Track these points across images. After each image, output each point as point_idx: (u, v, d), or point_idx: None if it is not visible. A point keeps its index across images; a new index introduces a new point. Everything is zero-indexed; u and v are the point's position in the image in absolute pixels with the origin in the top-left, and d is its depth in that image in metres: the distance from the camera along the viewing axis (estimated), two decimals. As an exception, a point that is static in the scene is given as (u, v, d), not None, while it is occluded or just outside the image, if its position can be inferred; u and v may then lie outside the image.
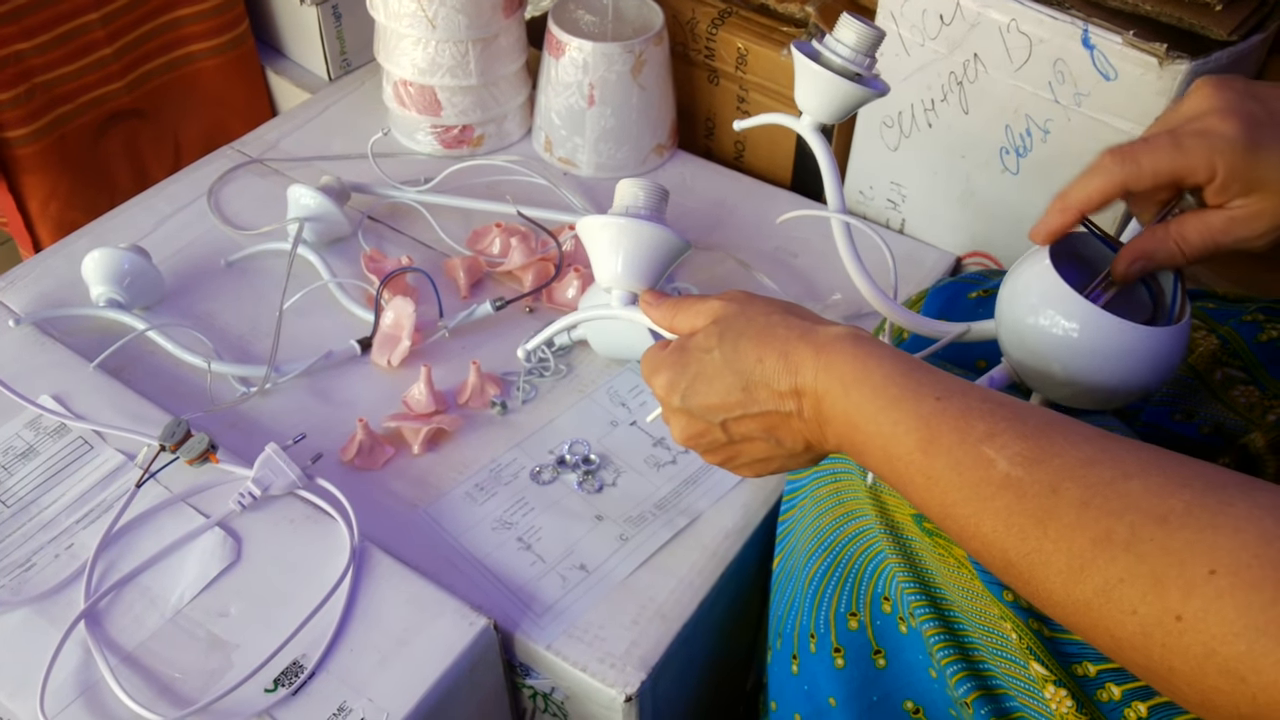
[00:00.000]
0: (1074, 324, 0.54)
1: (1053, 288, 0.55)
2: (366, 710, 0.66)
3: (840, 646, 0.64)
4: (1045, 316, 0.55)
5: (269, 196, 1.05)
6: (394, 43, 1.06)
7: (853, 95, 0.66)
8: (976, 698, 0.56)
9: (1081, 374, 0.55)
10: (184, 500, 0.76)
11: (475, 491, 0.81)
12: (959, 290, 0.75)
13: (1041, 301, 0.55)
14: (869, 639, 0.63)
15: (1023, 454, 0.43)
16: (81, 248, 0.95)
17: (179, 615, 0.70)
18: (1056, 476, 0.42)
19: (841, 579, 0.64)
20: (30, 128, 1.14)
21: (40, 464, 0.79)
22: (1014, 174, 0.93)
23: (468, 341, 0.92)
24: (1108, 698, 0.53)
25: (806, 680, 0.67)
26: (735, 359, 0.54)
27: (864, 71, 0.66)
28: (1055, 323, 0.55)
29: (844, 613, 0.64)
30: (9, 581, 0.72)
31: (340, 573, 0.72)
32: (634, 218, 0.63)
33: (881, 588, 0.62)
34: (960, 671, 0.57)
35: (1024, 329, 0.56)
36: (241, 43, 1.28)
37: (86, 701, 0.66)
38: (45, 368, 0.85)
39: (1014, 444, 0.44)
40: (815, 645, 0.66)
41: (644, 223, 0.63)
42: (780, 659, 0.70)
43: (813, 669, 0.66)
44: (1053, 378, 0.56)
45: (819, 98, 0.67)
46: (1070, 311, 0.54)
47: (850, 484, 0.65)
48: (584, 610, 0.74)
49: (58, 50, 1.13)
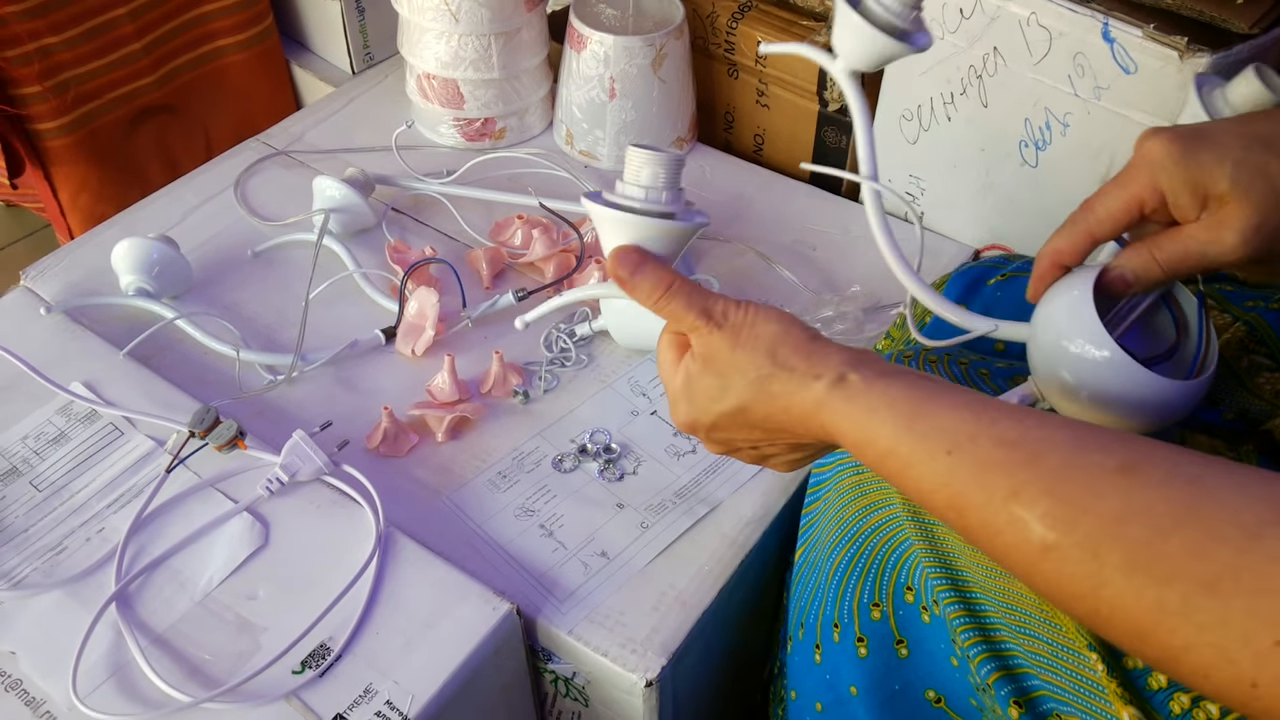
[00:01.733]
0: (1104, 364, 0.55)
1: (1088, 324, 0.55)
2: (392, 692, 0.67)
3: (864, 636, 0.65)
4: (1078, 348, 0.56)
5: (295, 188, 1.06)
6: (417, 36, 1.07)
7: (892, 50, 0.61)
8: (997, 679, 0.57)
9: (1105, 408, 0.55)
10: (213, 485, 0.78)
11: (498, 479, 0.82)
12: (980, 275, 0.76)
13: (1077, 333, 0.56)
14: (892, 629, 0.64)
15: (1053, 514, 0.42)
16: (111, 237, 0.97)
17: (208, 598, 0.72)
18: (1094, 539, 0.41)
19: (865, 569, 0.65)
20: (60, 121, 1.16)
21: (71, 449, 0.80)
22: (1033, 167, 0.94)
23: (490, 331, 0.93)
24: (1132, 664, 0.53)
25: (829, 670, 0.68)
26: (744, 416, 0.55)
27: (907, 25, 0.61)
28: (1087, 354, 0.55)
29: (867, 603, 0.65)
30: (41, 564, 0.73)
31: (366, 557, 0.73)
32: (645, 212, 0.57)
33: (905, 578, 0.63)
34: (983, 653, 0.58)
35: (1057, 354, 0.57)
36: (267, 37, 1.29)
37: (117, 682, 0.68)
38: (76, 355, 0.87)
39: (1041, 500, 0.42)
40: (839, 635, 0.67)
41: (653, 221, 0.57)
42: (802, 649, 0.71)
43: (836, 659, 0.67)
44: (1077, 406, 0.57)
45: (857, 47, 0.62)
46: (1103, 357, 0.55)
47: (874, 474, 0.66)
48: (605, 596, 0.75)
49: (87, 45, 1.15)
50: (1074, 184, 0.92)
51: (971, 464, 0.45)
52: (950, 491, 0.45)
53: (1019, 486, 0.43)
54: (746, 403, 0.53)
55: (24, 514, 0.76)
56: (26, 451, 0.80)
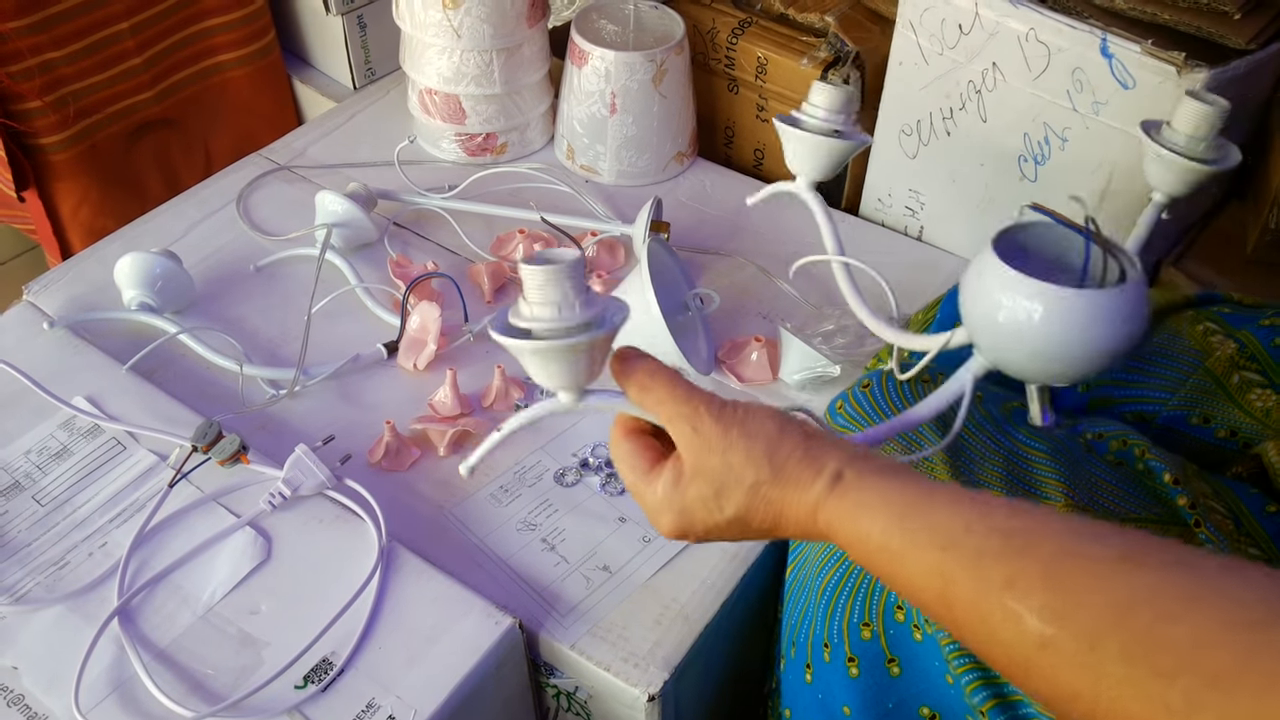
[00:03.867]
0: (1031, 303, 0.57)
1: (1000, 273, 0.57)
2: (394, 707, 0.67)
3: (854, 656, 0.65)
4: (997, 302, 0.58)
5: (297, 203, 1.07)
6: (419, 52, 1.08)
7: (837, 150, 0.76)
8: (993, 706, 0.57)
9: (1051, 343, 0.56)
10: (215, 500, 0.78)
11: (500, 493, 0.82)
12: None
13: (995, 288, 0.58)
14: (883, 648, 0.64)
15: (1048, 606, 0.40)
16: (113, 252, 0.97)
17: (210, 613, 0.72)
18: (1093, 630, 0.39)
19: (854, 589, 0.65)
20: (62, 135, 1.16)
21: (74, 464, 0.80)
22: (1032, 181, 0.94)
23: (492, 346, 0.93)
24: None
25: (821, 689, 0.68)
26: (741, 524, 0.51)
27: (844, 128, 0.76)
28: (1011, 304, 0.57)
29: (857, 623, 0.65)
30: (44, 579, 0.73)
31: (369, 572, 0.73)
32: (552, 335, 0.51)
33: (895, 597, 0.63)
34: (975, 680, 0.58)
35: (982, 319, 0.60)
36: (269, 52, 1.30)
37: (120, 697, 0.67)
38: (79, 370, 0.87)
39: (1037, 592, 0.40)
40: (829, 655, 0.66)
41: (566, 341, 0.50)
42: (794, 667, 0.71)
43: (827, 678, 0.67)
44: (1021, 359, 0.58)
45: (808, 160, 0.77)
46: (1017, 290, 0.57)
47: None
48: (607, 611, 0.75)
49: (88, 59, 1.15)
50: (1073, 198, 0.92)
51: (965, 555, 0.43)
52: (942, 584, 0.43)
53: (1014, 576, 0.41)
54: (744, 512, 0.50)
55: (26, 529, 0.76)
56: (29, 466, 0.80)
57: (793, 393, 0.90)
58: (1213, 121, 0.68)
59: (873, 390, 0.68)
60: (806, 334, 0.91)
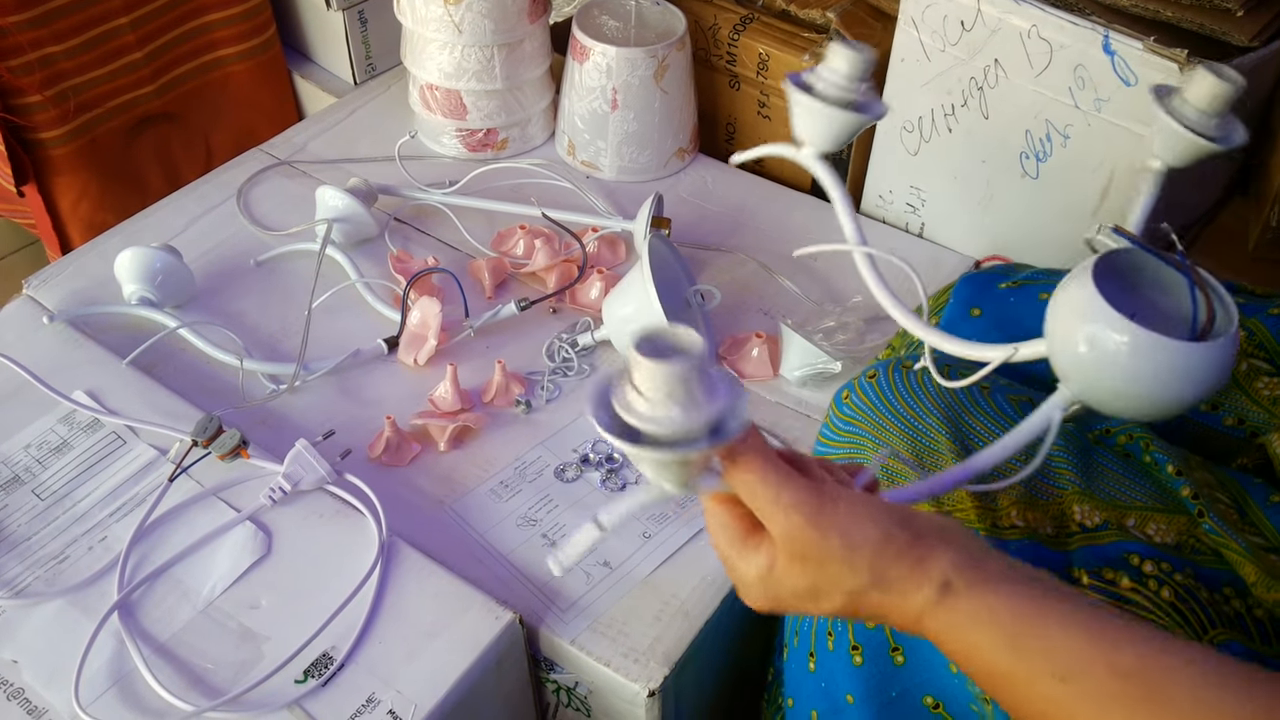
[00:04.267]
0: (1124, 339, 0.53)
1: (1099, 308, 0.54)
2: (395, 702, 0.67)
3: (858, 644, 0.65)
4: (1095, 338, 0.54)
5: (297, 198, 1.06)
6: (421, 47, 1.07)
7: (850, 123, 0.65)
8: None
9: (1144, 389, 0.54)
10: (215, 495, 0.78)
11: (500, 489, 0.82)
12: (988, 280, 0.76)
13: (1091, 322, 0.54)
14: (887, 636, 0.64)
15: None
16: (113, 246, 0.97)
17: (210, 607, 0.72)
18: None
19: None
20: (62, 129, 1.16)
21: (74, 458, 0.80)
22: (1034, 178, 0.94)
23: (493, 341, 0.93)
24: None
25: (824, 678, 0.68)
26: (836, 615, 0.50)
27: (858, 97, 0.64)
28: (1107, 339, 0.54)
29: None
30: (43, 573, 0.73)
31: (369, 567, 0.73)
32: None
33: None
34: None
35: (1078, 353, 0.55)
36: (269, 47, 1.29)
37: (120, 691, 0.67)
38: (78, 364, 0.87)
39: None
40: (833, 643, 0.67)
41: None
42: (797, 656, 0.71)
43: (830, 666, 0.67)
44: (1110, 396, 0.56)
45: (817, 129, 0.66)
46: (1117, 329, 0.53)
47: None
48: (608, 606, 0.75)
49: (88, 54, 1.15)
50: (1074, 195, 0.92)
51: (1085, 696, 0.42)
52: (1058, 712, 0.42)
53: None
54: (842, 611, 0.48)
55: (26, 522, 0.76)
56: (29, 460, 0.80)
57: (794, 389, 0.90)
58: (1228, 98, 0.65)
59: (879, 381, 0.68)
60: (807, 330, 0.91)
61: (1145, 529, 0.61)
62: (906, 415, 0.65)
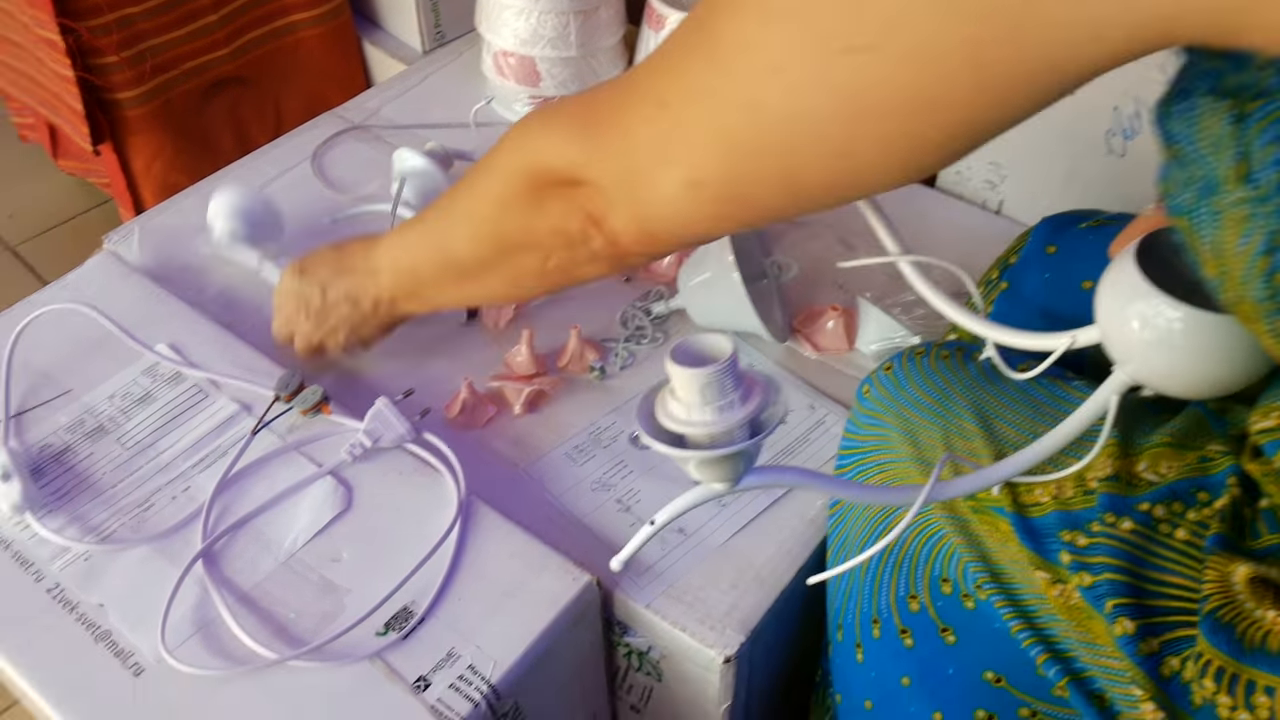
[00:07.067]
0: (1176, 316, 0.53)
1: (1140, 287, 0.53)
2: (475, 657, 0.67)
3: (906, 627, 0.64)
4: (1143, 318, 0.54)
5: (370, 162, 1.07)
6: (496, 13, 1.07)
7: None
8: (1046, 659, 0.57)
9: (1206, 364, 0.53)
10: (297, 449, 0.78)
11: (574, 453, 0.82)
12: (1069, 220, 0.73)
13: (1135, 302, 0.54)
14: (933, 618, 0.63)
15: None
16: (190, 205, 0.98)
17: (292, 559, 0.72)
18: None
19: (898, 563, 0.64)
20: (138, 90, 1.17)
21: (157, 409, 0.81)
22: (1120, 156, 0.92)
23: (568, 307, 0.93)
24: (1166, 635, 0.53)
25: (874, 667, 0.67)
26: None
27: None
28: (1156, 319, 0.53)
29: (904, 596, 0.64)
30: (129, 520, 0.74)
31: (448, 524, 0.73)
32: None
33: (939, 569, 0.62)
34: (1030, 638, 0.58)
35: (1130, 333, 0.55)
36: (339, 14, 1.30)
37: (204, 637, 0.68)
38: (161, 318, 0.88)
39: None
40: (879, 630, 0.66)
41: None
42: (843, 650, 0.70)
43: (879, 654, 0.66)
44: (1164, 374, 0.55)
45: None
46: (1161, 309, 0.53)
47: (898, 471, 0.65)
48: (683, 573, 0.75)
49: (166, 16, 1.16)
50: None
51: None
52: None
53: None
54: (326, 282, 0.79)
55: (111, 470, 0.77)
56: (114, 410, 0.81)
57: (869, 363, 0.89)
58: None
59: (895, 372, 0.67)
60: (885, 304, 0.90)
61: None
62: (927, 404, 0.64)
